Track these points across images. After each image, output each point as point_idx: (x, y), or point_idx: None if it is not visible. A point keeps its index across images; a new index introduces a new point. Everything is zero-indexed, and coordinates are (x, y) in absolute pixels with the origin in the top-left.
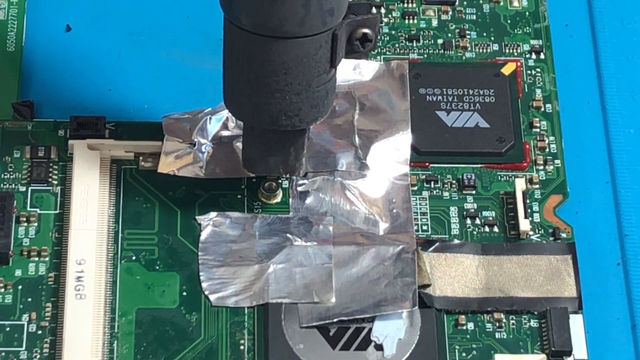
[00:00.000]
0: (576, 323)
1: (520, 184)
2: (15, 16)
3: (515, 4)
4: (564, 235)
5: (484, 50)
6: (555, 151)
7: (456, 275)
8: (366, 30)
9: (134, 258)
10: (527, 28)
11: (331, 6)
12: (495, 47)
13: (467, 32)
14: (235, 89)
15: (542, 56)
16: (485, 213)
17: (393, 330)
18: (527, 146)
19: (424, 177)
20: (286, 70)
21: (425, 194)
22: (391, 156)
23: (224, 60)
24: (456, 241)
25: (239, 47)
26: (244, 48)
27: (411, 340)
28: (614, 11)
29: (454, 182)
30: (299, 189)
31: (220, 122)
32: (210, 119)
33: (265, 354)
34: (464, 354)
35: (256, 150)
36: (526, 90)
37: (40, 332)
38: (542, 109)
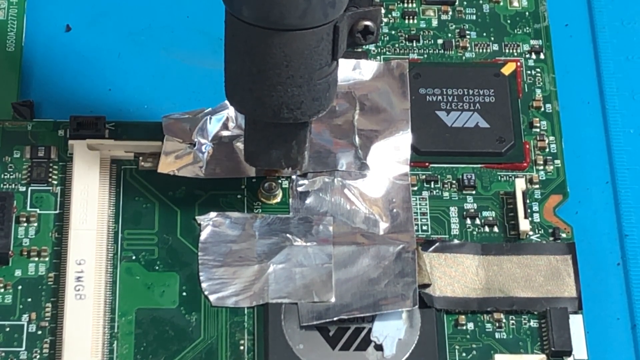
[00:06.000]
0: (576, 323)
1: (520, 184)
2: (15, 16)
3: (515, 4)
4: (564, 235)
5: (484, 50)
6: (555, 151)
7: (456, 275)
8: (368, 23)
9: (133, 258)
10: (527, 28)
11: None
12: (495, 47)
13: (467, 32)
14: (237, 82)
15: (542, 56)
16: (485, 213)
17: (393, 330)
18: (527, 146)
19: (424, 177)
20: (288, 63)
21: (425, 194)
22: (391, 156)
23: (226, 53)
24: (456, 241)
25: (240, 40)
26: (246, 41)
27: (411, 340)
28: (614, 11)
29: (454, 182)
30: (299, 189)
31: (220, 122)
32: (210, 119)
33: (265, 354)
34: (464, 354)
35: (258, 143)
36: (526, 90)
37: (40, 332)
38: (542, 109)
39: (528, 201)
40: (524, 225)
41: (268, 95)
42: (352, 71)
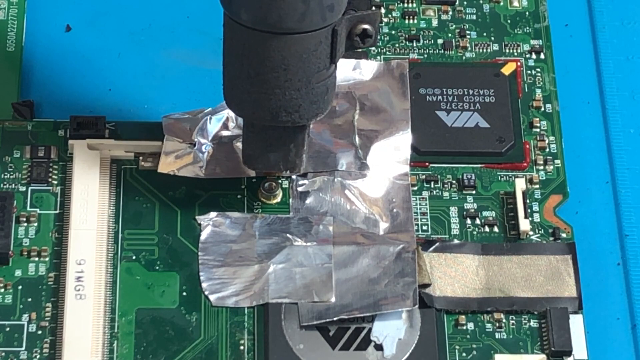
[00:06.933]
0: (576, 323)
1: (520, 184)
2: (15, 16)
3: (515, 4)
4: (564, 235)
5: (484, 50)
6: (555, 151)
7: (456, 275)
8: (366, 26)
9: (134, 258)
10: (527, 28)
11: (331, 2)
12: (495, 47)
13: (467, 32)
14: (235, 85)
15: (542, 56)
16: (485, 213)
17: (393, 330)
18: (527, 146)
19: (424, 177)
20: (286, 66)
21: (425, 194)
22: (391, 156)
23: (224, 56)
24: (456, 241)
25: (238, 44)
26: (244, 44)
27: (411, 340)
28: (614, 11)
29: (454, 182)
30: (299, 189)
31: (220, 122)
32: (210, 119)
33: (265, 354)
34: (464, 354)
35: (256, 146)
36: (526, 90)
37: (40, 332)
38: (542, 109)
39: (528, 201)
40: (524, 225)
41: (266, 99)
42: (352, 71)
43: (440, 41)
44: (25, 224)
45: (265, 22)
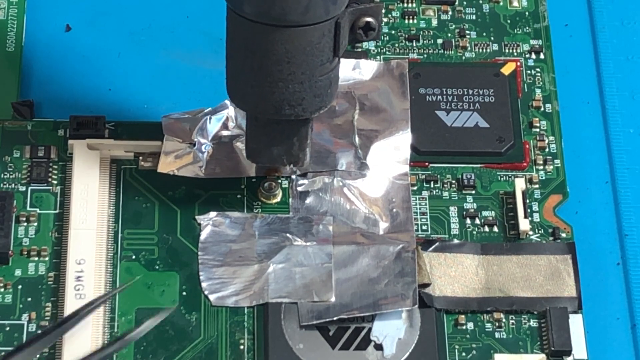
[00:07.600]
0: (576, 323)
1: (520, 184)
2: (15, 16)
3: (515, 4)
4: (563, 235)
5: (484, 50)
6: (555, 151)
7: (456, 275)
8: (369, 19)
9: (133, 258)
10: (527, 28)
11: None
12: (495, 47)
13: (467, 32)
14: (238, 79)
15: (542, 56)
16: (485, 213)
17: (393, 330)
18: (527, 146)
19: (423, 177)
20: (289, 59)
21: (425, 193)
22: (391, 156)
23: (227, 50)
24: (456, 241)
25: (242, 37)
26: (247, 37)
27: (411, 340)
28: (614, 11)
29: (453, 182)
30: (299, 188)
31: (220, 122)
32: (210, 118)
33: (265, 353)
34: (463, 354)
35: (260, 140)
36: (526, 90)
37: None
38: (542, 109)
39: (528, 201)
40: (524, 225)
41: (269, 92)
42: (352, 71)
43: (440, 41)
44: (25, 224)
45: (268, 15)
